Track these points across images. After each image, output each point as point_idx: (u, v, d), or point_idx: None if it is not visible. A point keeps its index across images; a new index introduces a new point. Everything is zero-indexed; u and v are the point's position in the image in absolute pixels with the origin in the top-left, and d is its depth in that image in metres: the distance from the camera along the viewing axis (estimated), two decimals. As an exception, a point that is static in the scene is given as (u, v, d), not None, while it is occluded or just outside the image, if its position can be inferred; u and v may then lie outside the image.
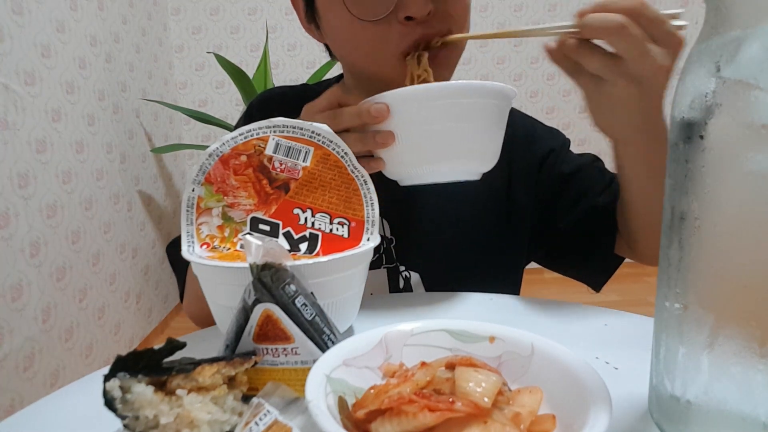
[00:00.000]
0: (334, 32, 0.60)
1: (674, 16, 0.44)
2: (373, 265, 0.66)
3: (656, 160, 0.53)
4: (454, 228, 0.67)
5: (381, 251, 0.67)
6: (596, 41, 0.45)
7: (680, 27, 0.44)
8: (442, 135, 0.48)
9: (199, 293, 0.46)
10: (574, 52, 0.45)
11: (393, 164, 0.52)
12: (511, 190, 0.69)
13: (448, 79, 0.59)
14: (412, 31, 0.54)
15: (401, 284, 0.67)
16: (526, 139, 0.70)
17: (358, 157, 0.48)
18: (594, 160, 0.69)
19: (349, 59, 0.62)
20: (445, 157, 0.50)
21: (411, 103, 0.48)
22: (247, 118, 0.72)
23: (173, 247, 0.68)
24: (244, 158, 0.47)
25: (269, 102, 0.73)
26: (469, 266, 0.68)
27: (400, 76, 0.56)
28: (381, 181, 0.54)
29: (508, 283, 0.73)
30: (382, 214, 0.66)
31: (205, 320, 0.63)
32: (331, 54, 0.69)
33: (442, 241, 0.68)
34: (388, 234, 0.67)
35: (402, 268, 0.67)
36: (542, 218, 0.69)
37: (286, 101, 0.72)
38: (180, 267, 0.66)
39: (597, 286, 0.68)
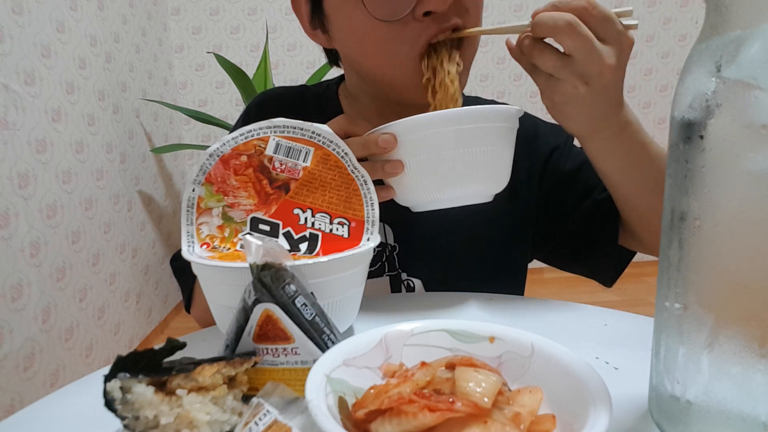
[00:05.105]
0: (345, 34, 0.58)
1: (625, 14, 0.44)
2: (376, 274, 0.66)
3: (627, 155, 0.53)
4: (457, 235, 0.67)
5: (384, 259, 0.66)
6: (550, 40, 0.46)
7: (631, 26, 0.45)
8: (451, 161, 0.48)
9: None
10: (528, 51, 0.46)
11: (403, 192, 0.52)
12: (514, 194, 0.68)
13: (465, 79, 0.58)
14: (428, 28, 0.53)
15: (403, 292, 0.67)
16: (529, 139, 0.69)
17: None
18: None
19: (361, 61, 0.60)
20: (456, 183, 0.50)
21: (418, 132, 0.48)
22: (245, 120, 0.71)
23: (177, 261, 0.68)
24: (244, 158, 0.47)
25: (267, 103, 0.73)
26: (472, 273, 0.68)
27: (413, 81, 0.55)
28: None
29: (512, 290, 0.72)
30: (386, 221, 0.65)
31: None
32: (330, 61, 0.68)
33: (444, 248, 0.67)
34: (391, 241, 0.66)
35: (404, 275, 0.67)
36: (549, 217, 0.69)
37: (284, 102, 0.72)
38: (184, 277, 0.66)
39: (608, 282, 0.68)
